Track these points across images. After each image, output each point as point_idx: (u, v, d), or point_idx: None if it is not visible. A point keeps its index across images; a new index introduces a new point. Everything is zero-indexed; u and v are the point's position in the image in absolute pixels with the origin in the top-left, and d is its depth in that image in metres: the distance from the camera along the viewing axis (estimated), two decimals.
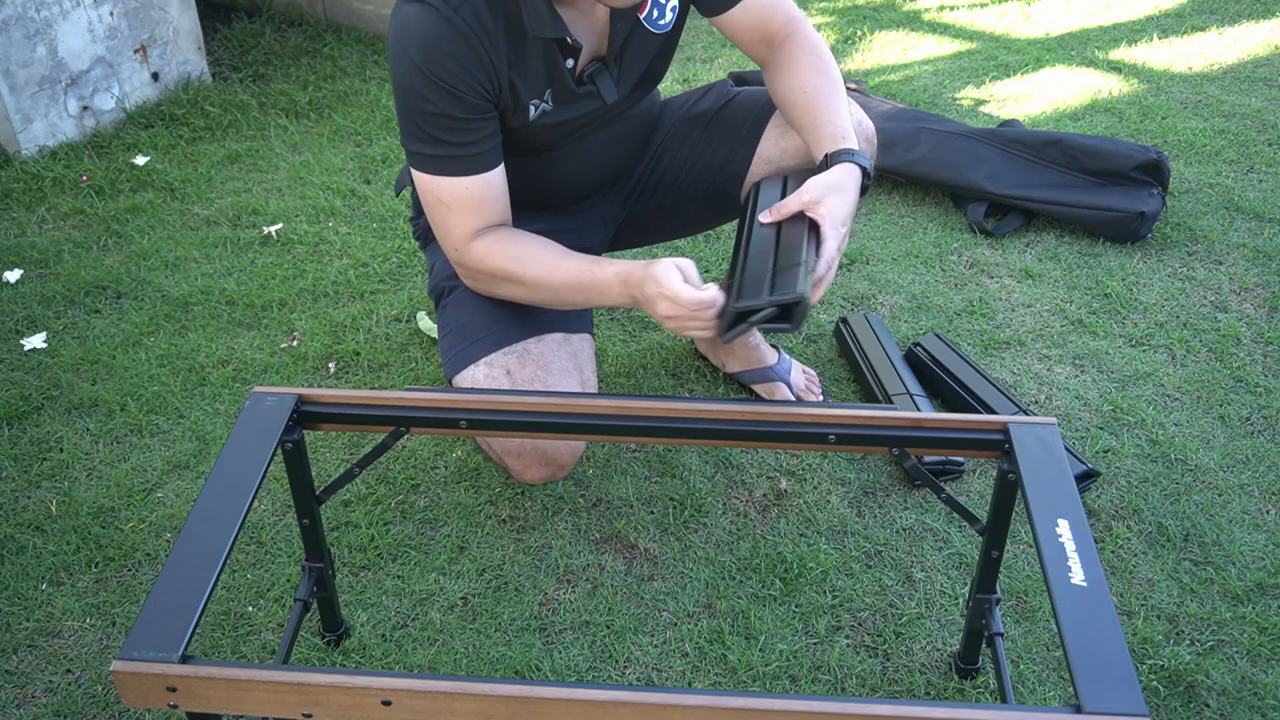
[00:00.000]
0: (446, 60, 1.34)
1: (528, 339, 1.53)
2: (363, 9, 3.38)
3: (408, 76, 1.36)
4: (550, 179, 1.63)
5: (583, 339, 1.61)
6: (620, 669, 1.48)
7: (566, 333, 1.57)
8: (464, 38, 1.34)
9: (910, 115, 2.62)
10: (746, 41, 1.61)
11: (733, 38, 1.63)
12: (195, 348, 2.07)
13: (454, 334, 1.58)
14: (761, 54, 1.62)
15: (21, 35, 2.58)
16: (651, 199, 1.77)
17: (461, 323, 1.57)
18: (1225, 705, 1.41)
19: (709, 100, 1.76)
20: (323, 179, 2.62)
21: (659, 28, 1.55)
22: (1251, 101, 2.87)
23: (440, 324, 1.63)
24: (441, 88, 1.36)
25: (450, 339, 1.58)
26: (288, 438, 1.23)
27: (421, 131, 1.40)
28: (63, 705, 1.43)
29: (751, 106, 1.70)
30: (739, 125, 1.70)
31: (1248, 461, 1.78)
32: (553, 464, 1.52)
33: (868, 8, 3.60)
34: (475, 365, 1.52)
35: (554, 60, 1.44)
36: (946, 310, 2.14)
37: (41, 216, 2.49)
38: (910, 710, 0.90)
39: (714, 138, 1.72)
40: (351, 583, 1.60)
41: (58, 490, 1.77)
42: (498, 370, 1.51)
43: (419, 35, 1.34)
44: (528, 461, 1.52)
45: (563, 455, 1.52)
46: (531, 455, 1.51)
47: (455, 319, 1.59)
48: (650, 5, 1.52)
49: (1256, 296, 2.16)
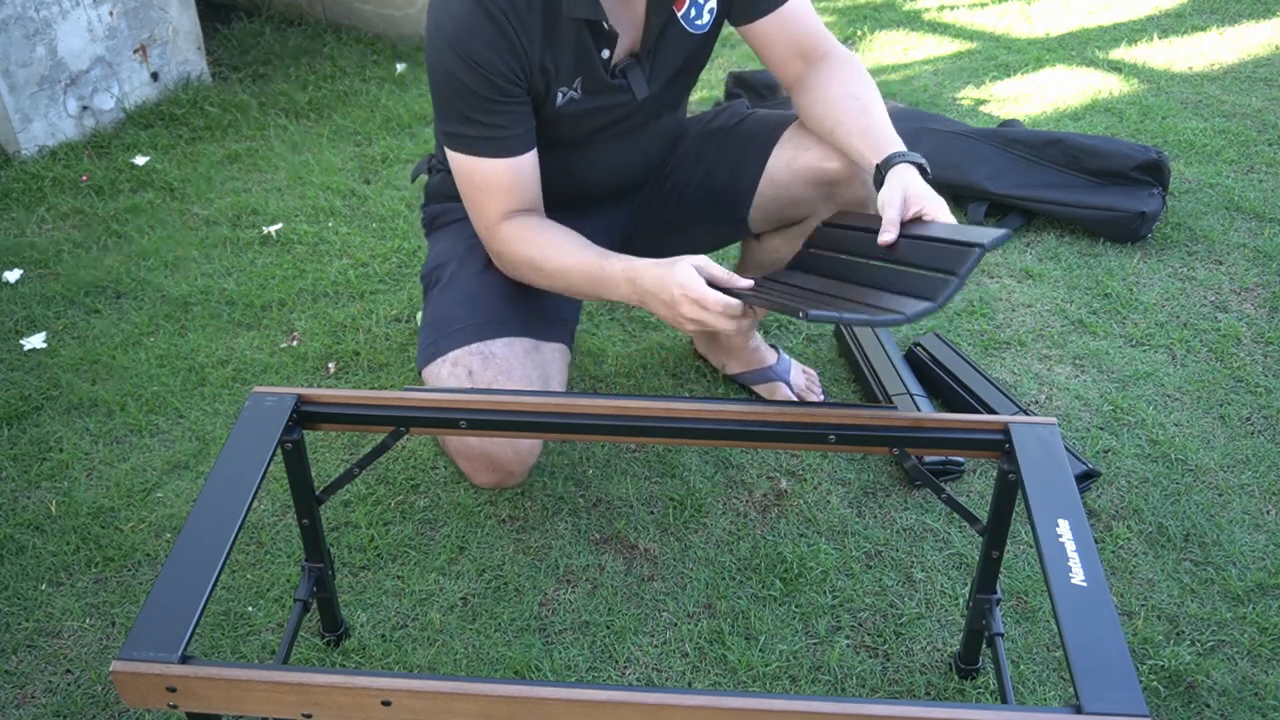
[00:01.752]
0: (478, 42, 1.36)
1: (496, 340, 1.53)
2: (363, 9, 3.38)
3: (440, 55, 1.39)
4: (566, 177, 1.63)
5: (554, 349, 1.60)
6: (620, 669, 1.48)
7: (539, 340, 1.57)
8: (495, 21, 1.36)
9: (910, 115, 2.62)
10: (779, 55, 1.58)
11: (763, 49, 1.59)
12: (195, 348, 2.07)
13: (429, 326, 1.59)
14: (796, 69, 1.58)
15: (21, 35, 2.58)
16: (660, 214, 1.75)
17: (439, 315, 1.58)
18: (1225, 705, 1.41)
19: (721, 119, 1.74)
20: (322, 179, 2.62)
21: (695, 28, 1.54)
22: (1252, 101, 2.87)
23: (423, 313, 1.64)
24: (472, 68, 1.37)
25: (425, 330, 1.59)
26: (287, 438, 1.23)
27: (454, 111, 1.42)
28: (62, 705, 1.43)
29: (761, 128, 1.68)
30: (747, 147, 1.68)
31: (1248, 461, 1.78)
32: (501, 470, 1.52)
33: (868, 8, 3.60)
34: (442, 360, 1.53)
35: (587, 47, 1.44)
36: (946, 310, 2.14)
37: (41, 216, 2.49)
38: (910, 710, 0.89)
39: (723, 158, 1.70)
40: (351, 583, 1.60)
41: (58, 490, 1.77)
42: (460, 370, 1.51)
43: (453, 14, 1.37)
44: (476, 465, 1.52)
45: (511, 462, 1.51)
46: (480, 459, 1.51)
47: (435, 310, 1.60)
48: (689, 3, 1.51)
49: (1256, 296, 2.16)
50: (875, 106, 1.49)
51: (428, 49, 1.42)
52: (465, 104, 1.41)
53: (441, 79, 1.41)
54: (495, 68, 1.38)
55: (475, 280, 1.59)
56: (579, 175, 1.63)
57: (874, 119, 1.47)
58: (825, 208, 1.64)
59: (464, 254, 1.63)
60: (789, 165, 1.63)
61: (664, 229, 1.76)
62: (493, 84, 1.39)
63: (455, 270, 1.62)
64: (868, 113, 1.48)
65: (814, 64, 1.57)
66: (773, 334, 2.11)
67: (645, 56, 1.51)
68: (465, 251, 1.63)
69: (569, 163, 1.60)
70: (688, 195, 1.72)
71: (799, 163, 1.62)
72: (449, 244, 1.67)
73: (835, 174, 1.59)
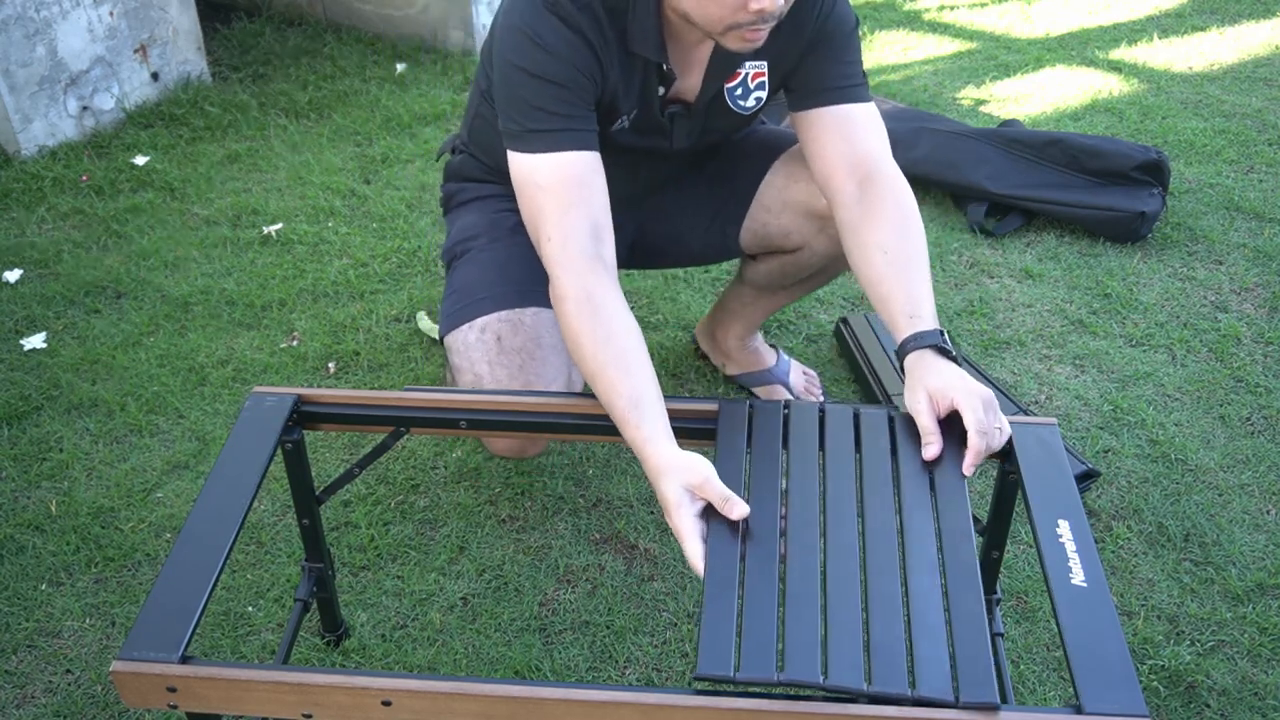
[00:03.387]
0: (559, 40, 1.29)
1: (526, 308, 1.51)
2: (363, 9, 3.38)
3: (516, 48, 1.30)
4: None
5: None
6: (620, 669, 1.48)
7: None
8: (580, 31, 1.30)
9: (910, 115, 2.62)
10: (829, 160, 1.41)
11: (814, 150, 1.43)
12: (195, 348, 2.07)
13: (455, 294, 1.57)
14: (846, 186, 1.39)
15: (21, 35, 2.58)
16: (660, 225, 1.74)
17: (465, 283, 1.56)
18: (1225, 705, 1.41)
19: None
20: (322, 179, 2.62)
21: (739, 107, 1.51)
22: (1252, 101, 2.87)
23: (446, 287, 1.62)
24: (551, 55, 1.29)
25: (450, 299, 1.57)
26: (287, 438, 1.23)
27: (522, 105, 1.31)
28: (62, 705, 1.43)
29: (758, 149, 1.66)
30: (741, 169, 1.66)
31: (1248, 461, 1.78)
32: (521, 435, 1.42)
33: (868, 8, 3.60)
34: (469, 326, 1.50)
35: (650, 83, 1.41)
36: (946, 310, 2.14)
37: (41, 216, 2.49)
38: (910, 711, 0.89)
39: (719, 175, 1.68)
40: (351, 583, 1.60)
41: (58, 490, 1.77)
42: (489, 335, 1.49)
43: (537, 14, 1.30)
44: None
45: None
46: None
47: (460, 280, 1.57)
48: (740, 81, 1.47)
49: (1256, 296, 2.16)
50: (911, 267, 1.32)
51: (500, 49, 1.33)
52: (537, 94, 1.30)
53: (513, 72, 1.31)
54: (575, 60, 1.30)
55: (503, 251, 1.58)
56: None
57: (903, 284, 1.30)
58: (819, 241, 1.62)
59: (488, 227, 1.62)
60: (780, 194, 1.61)
61: (663, 238, 1.75)
62: (570, 74, 1.31)
63: (483, 243, 1.60)
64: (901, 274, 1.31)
65: (862, 185, 1.38)
66: (773, 334, 2.11)
67: (695, 113, 1.48)
68: (489, 225, 1.62)
69: None
70: (686, 210, 1.71)
71: (790, 193, 1.60)
72: (472, 219, 1.65)
73: (826, 210, 1.54)
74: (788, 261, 1.68)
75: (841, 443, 1.17)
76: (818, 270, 1.70)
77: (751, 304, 1.84)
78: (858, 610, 0.97)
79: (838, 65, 1.43)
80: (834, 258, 1.63)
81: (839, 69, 1.43)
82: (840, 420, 1.20)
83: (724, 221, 1.68)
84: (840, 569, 1.01)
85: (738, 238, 1.68)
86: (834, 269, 1.70)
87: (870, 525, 1.06)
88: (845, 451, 1.16)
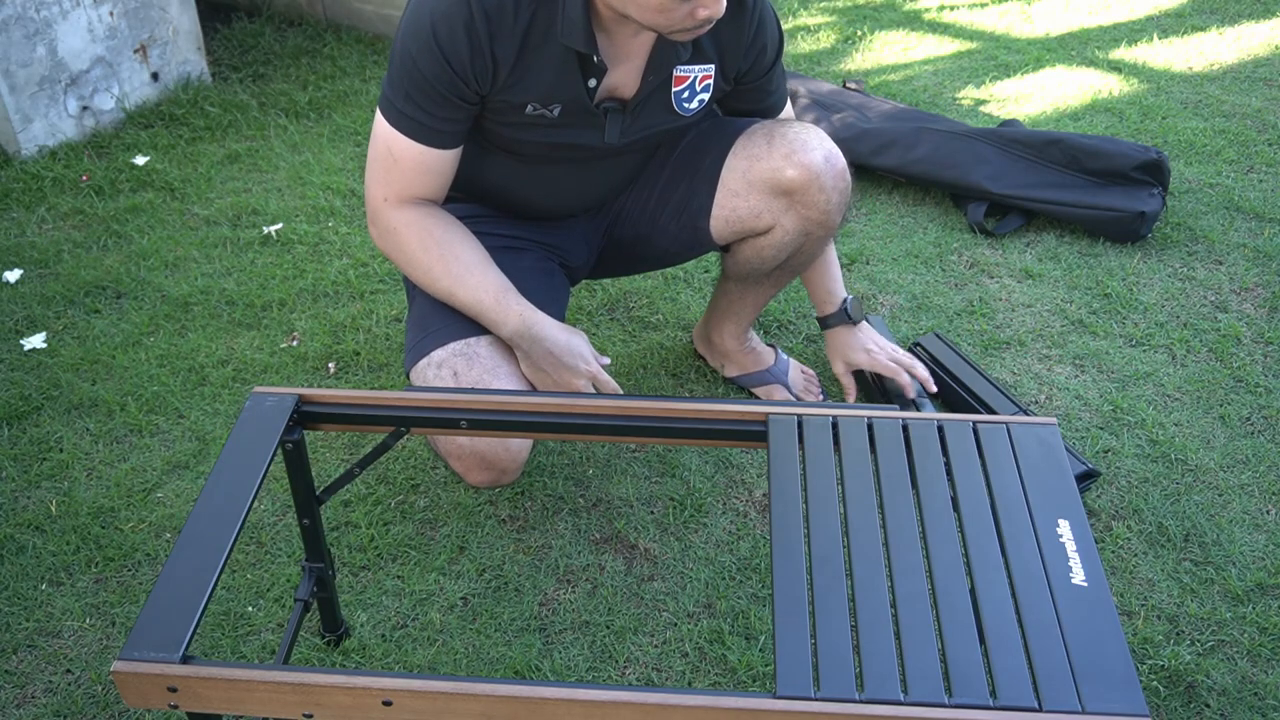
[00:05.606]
0: (455, 41, 1.37)
1: (480, 338, 1.52)
2: (363, 9, 3.38)
3: (415, 37, 1.39)
4: (540, 193, 1.62)
5: None
6: (620, 669, 1.48)
7: None
8: (477, 22, 1.36)
9: (910, 115, 2.62)
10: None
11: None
12: (195, 348, 2.07)
13: (414, 326, 1.58)
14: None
15: (21, 35, 2.58)
16: (628, 229, 1.74)
17: (422, 314, 1.57)
18: (1225, 705, 1.41)
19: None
20: (322, 179, 2.62)
21: (683, 109, 1.54)
22: (1251, 101, 2.87)
23: (407, 318, 1.64)
24: (439, 61, 1.38)
25: (411, 332, 1.58)
26: (288, 438, 1.23)
27: (403, 88, 1.42)
28: (63, 705, 1.43)
29: (715, 136, 1.67)
30: (701, 159, 1.67)
31: (1248, 461, 1.78)
32: (494, 468, 1.51)
33: (868, 8, 3.60)
34: (427, 361, 1.52)
35: (571, 75, 1.43)
36: (946, 310, 2.14)
37: (41, 216, 2.49)
38: (910, 710, 0.89)
39: (680, 169, 1.69)
40: (351, 583, 1.60)
41: (58, 490, 1.77)
42: (445, 372, 1.50)
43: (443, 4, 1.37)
44: (469, 465, 1.50)
45: (502, 459, 1.50)
46: (471, 459, 1.49)
47: (418, 310, 1.59)
48: (687, 84, 1.51)
49: (1256, 296, 2.16)
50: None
51: (405, 23, 1.42)
52: (416, 87, 1.41)
53: (405, 57, 1.41)
54: (462, 69, 1.38)
55: None
56: (554, 192, 1.63)
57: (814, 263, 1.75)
58: (789, 218, 1.63)
59: None
60: (744, 175, 1.62)
61: (633, 242, 1.75)
62: (452, 83, 1.40)
63: None
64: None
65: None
66: (772, 334, 2.11)
67: (631, 109, 1.50)
68: None
69: (543, 180, 1.60)
70: (652, 211, 1.71)
71: (754, 172, 1.61)
72: None
73: (792, 182, 1.58)
74: (763, 245, 1.68)
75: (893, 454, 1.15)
76: (794, 250, 1.69)
77: (739, 299, 1.83)
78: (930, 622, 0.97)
79: (767, 97, 1.67)
80: (807, 234, 1.66)
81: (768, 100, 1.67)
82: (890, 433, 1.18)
83: (693, 215, 1.68)
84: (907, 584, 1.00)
85: (709, 229, 1.68)
86: (811, 248, 1.70)
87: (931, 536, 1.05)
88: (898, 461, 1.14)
